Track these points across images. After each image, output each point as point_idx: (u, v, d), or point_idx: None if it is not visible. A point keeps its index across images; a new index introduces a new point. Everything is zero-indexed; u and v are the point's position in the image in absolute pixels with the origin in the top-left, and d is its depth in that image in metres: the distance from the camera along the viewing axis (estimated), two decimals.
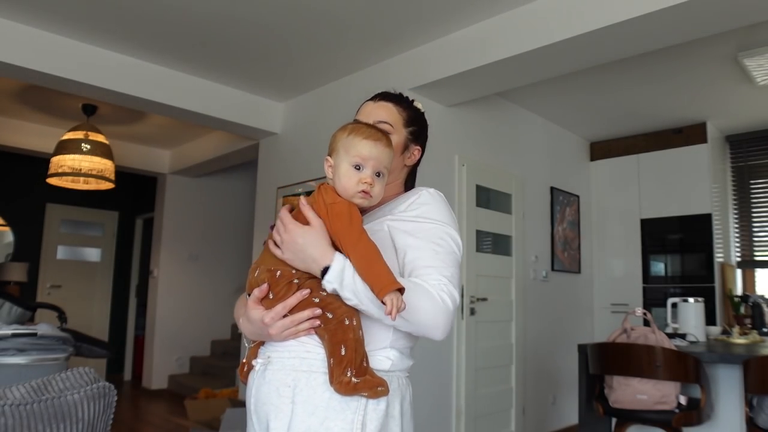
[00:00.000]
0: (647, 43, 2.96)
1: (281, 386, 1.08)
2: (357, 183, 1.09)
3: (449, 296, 1.07)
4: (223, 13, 3.23)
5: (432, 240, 1.13)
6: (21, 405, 1.46)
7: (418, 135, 1.34)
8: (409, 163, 1.33)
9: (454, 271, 1.12)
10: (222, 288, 6.80)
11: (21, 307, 3.30)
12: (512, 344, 4.28)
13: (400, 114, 1.31)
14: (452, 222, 1.19)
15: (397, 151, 1.26)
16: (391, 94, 1.35)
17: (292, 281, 1.07)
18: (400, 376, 1.17)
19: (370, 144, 1.11)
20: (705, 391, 2.42)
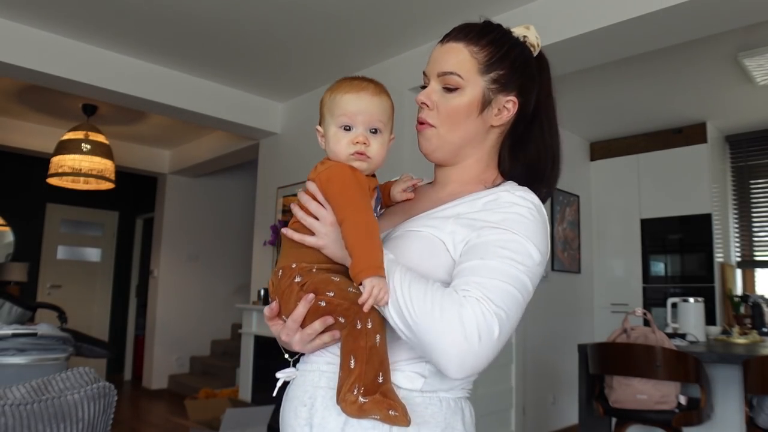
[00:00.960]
0: (647, 43, 2.96)
1: (299, 405, 0.91)
2: (348, 145, 0.92)
3: (483, 324, 0.77)
4: (223, 13, 3.23)
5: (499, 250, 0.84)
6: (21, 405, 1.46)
7: (510, 79, 0.95)
8: (497, 122, 0.96)
9: (509, 301, 0.81)
10: (222, 288, 6.80)
11: (21, 307, 3.30)
12: (512, 344, 4.28)
13: (474, 56, 0.95)
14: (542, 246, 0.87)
15: (473, 108, 0.94)
16: (466, 28, 0.98)
17: (293, 280, 0.89)
18: (447, 399, 0.90)
19: (353, 97, 0.93)
20: (705, 391, 2.42)
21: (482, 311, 0.77)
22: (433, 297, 0.79)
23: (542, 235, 0.87)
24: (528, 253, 0.84)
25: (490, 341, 0.77)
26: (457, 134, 0.96)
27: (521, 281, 0.82)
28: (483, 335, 0.76)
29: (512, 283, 0.81)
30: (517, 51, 0.97)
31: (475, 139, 0.97)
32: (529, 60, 0.98)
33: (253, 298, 4.77)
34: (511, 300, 0.80)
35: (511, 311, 0.80)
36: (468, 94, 0.94)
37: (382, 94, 0.96)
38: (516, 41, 0.98)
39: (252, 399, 4.46)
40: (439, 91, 0.96)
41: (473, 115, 0.95)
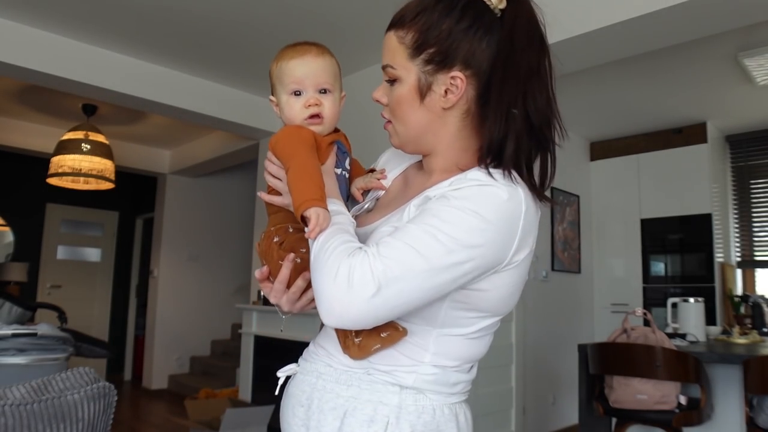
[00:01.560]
0: (647, 43, 2.96)
1: (296, 405, 0.90)
2: (301, 109, 0.94)
3: (359, 274, 0.72)
4: (223, 13, 3.24)
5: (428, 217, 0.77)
6: (21, 405, 1.46)
7: (447, 53, 0.84)
8: (447, 104, 0.86)
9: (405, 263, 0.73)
10: (222, 288, 6.80)
11: (21, 307, 3.30)
12: (512, 344, 4.28)
13: (401, 41, 0.87)
14: (502, 227, 0.78)
15: (412, 97, 0.87)
16: (397, 13, 0.91)
17: (272, 240, 0.92)
18: (441, 406, 0.85)
19: (298, 62, 0.94)
20: (705, 391, 2.42)
21: (362, 265, 0.73)
22: (333, 243, 0.77)
23: (506, 213, 0.78)
24: (465, 226, 0.75)
25: (362, 295, 0.72)
26: (408, 127, 0.90)
27: (432, 248, 0.74)
28: (355, 287, 0.72)
29: (419, 248, 0.73)
30: (452, 17, 0.84)
31: (431, 128, 0.89)
32: (474, 22, 0.84)
33: (253, 298, 4.77)
34: (407, 263, 0.73)
35: (401, 273, 0.73)
36: (405, 83, 0.87)
37: (325, 54, 0.96)
38: (450, 5, 0.85)
39: (252, 399, 4.47)
40: (385, 86, 0.92)
41: (415, 104, 0.87)
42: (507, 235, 0.79)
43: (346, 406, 0.84)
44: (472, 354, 0.88)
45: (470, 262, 0.76)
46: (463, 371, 0.88)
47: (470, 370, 0.91)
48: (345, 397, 0.84)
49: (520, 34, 0.84)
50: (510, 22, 0.84)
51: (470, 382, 0.91)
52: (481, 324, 0.87)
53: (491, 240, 0.77)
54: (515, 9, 0.85)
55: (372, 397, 0.83)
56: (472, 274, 0.78)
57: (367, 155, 1.12)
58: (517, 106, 0.82)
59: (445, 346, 0.85)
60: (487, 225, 0.76)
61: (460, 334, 0.85)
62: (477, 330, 0.87)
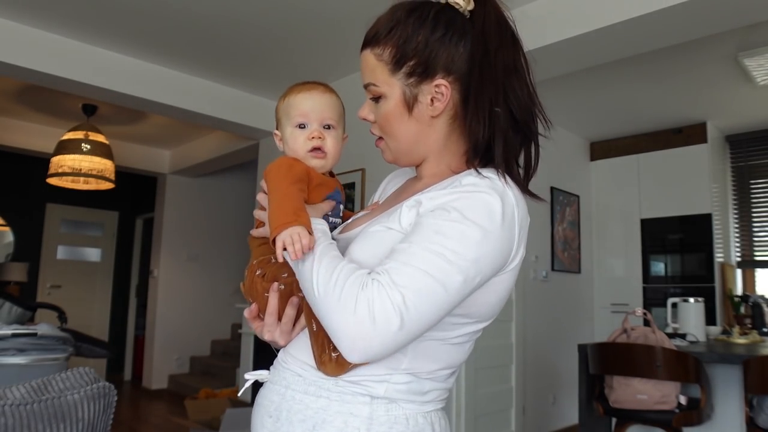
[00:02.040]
0: (647, 43, 2.96)
1: (265, 416, 0.89)
2: (305, 141, 0.96)
3: (380, 310, 0.70)
4: (223, 13, 3.24)
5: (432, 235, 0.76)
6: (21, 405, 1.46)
7: (428, 63, 0.85)
8: (435, 112, 0.87)
9: (420, 291, 0.72)
10: (222, 288, 6.80)
11: (21, 307, 3.30)
12: (512, 344, 4.28)
13: (379, 58, 0.89)
14: (501, 233, 0.78)
15: (400, 111, 0.88)
16: (369, 31, 0.94)
17: (254, 274, 0.93)
18: (414, 415, 0.82)
19: (304, 96, 0.98)
20: (705, 391, 2.42)
21: (381, 297, 0.71)
22: (340, 274, 0.74)
23: (503, 219, 0.78)
24: (470, 241, 0.75)
25: (387, 330, 0.70)
26: (400, 140, 0.90)
27: (444, 271, 0.73)
28: (378, 322, 0.70)
29: (432, 272, 0.73)
30: (426, 28, 0.86)
31: (421, 137, 0.89)
32: (448, 29, 0.85)
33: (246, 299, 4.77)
34: (425, 289, 0.72)
35: (422, 301, 0.72)
36: (391, 99, 0.88)
37: (331, 93, 1.00)
38: (422, 16, 0.87)
39: (252, 399, 4.46)
40: (370, 104, 0.93)
41: (404, 117, 0.88)
42: (507, 240, 0.79)
43: (315, 419, 0.82)
44: (452, 360, 0.86)
45: (479, 275, 0.77)
46: (439, 379, 0.86)
47: (447, 379, 0.88)
48: (314, 409, 0.82)
49: (491, 33, 0.86)
50: (480, 23, 0.86)
51: (447, 390, 0.88)
52: (465, 330, 0.85)
53: (494, 248, 0.77)
54: (483, 9, 0.87)
55: (342, 409, 0.81)
56: (480, 284, 0.78)
57: (367, 155, 1.13)
58: (499, 105, 0.83)
59: (425, 352, 0.82)
60: (488, 234, 0.76)
61: (440, 339, 0.83)
62: (459, 335, 0.85)
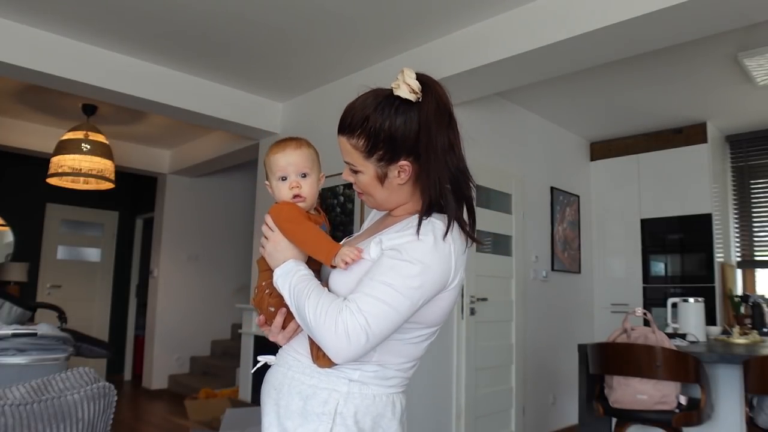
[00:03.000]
0: (647, 43, 2.96)
1: (271, 389, 1.18)
2: (287, 191, 1.21)
3: (353, 330, 1.01)
4: (223, 13, 3.23)
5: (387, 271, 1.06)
6: (21, 405, 1.46)
7: (394, 152, 1.11)
8: (401, 182, 1.15)
9: (379, 314, 1.03)
10: (222, 288, 6.80)
11: (21, 307, 3.29)
12: (512, 344, 4.28)
13: (355, 148, 1.13)
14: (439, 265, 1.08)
15: (375, 183, 1.15)
16: (342, 120, 1.15)
17: (264, 292, 1.20)
18: (380, 395, 1.14)
19: (279, 155, 1.22)
20: (705, 391, 2.42)
21: (352, 320, 1.01)
22: (323, 304, 1.05)
23: (439, 255, 1.07)
24: (413, 274, 1.04)
25: (359, 343, 1.02)
26: (377, 198, 1.18)
27: (395, 298, 1.03)
28: (352, 338, 1.01)
29: (387, 300, 1.03)
30: (389, 124, 1.10)
31: (392, 197, 1.18)
32: (405, 123, 1.10)
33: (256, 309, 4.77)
34: (381, 313, 1.02)
35: (380, 321, 1.02)
36: (367, 175, 1.15)
37: (302, 146, 1.23)
38: (385, 114, 1.10)
39: (252, 399, 4.46)
40: (349, 172, 1.18)
41: (378, 187, 1.16)
42: (444, 269, 1.08)
43: (308, 392, 1.12)
44: (411, 355, 1.17)
45: (422, 298, 1.07)
46: (401, 370, 1.16)
47: (408, 370, 1.18)
48: (308, 385, 1.13)
49: (432, 121, 1.10)
50: (425, 112, 1.10)
51: (407, 378, 1.19)
52: (419, 332, 1.15)
53: (433, 277, 1.07)
54: (427, 98, 1.10)
55: (327, 386, 1.12)
56: (422, 304, 1.08)
57: None
58: (442, 175, 1.11)
59: (390, 349, 1.12)
60: (427, 268, 1.06)
61: (400, 339, 1.12)
62: (415, 336, 1.15)
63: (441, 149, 1.10)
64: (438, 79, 1.15)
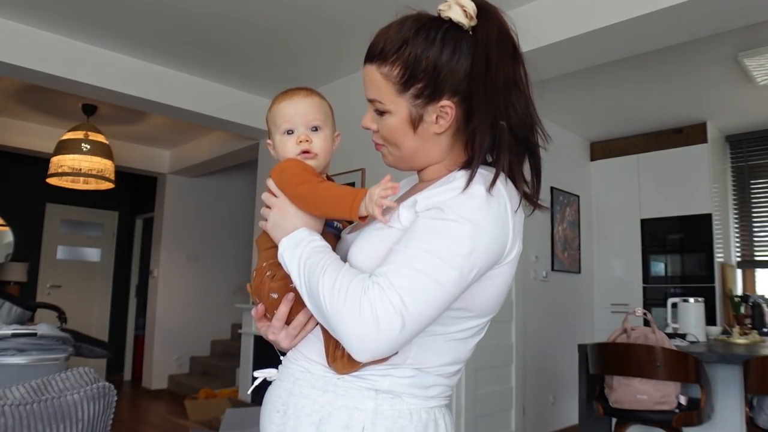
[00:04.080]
0: (647, 43, 2.96)
1: (272, 411, 0.92)
2: (293, 146, 0.99)
3: (382, 313, 0.74)
4: (223, 13, 3.23)
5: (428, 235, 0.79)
6: (21, 405, 1.46)
7: (435, 86, 0.87)
8: (439, 130, 0.90)
9: (418, 291, 0.76)
10: (222, 288, 6.80)
11: (21, 307, 3.29)
12: (512, 344, 4.28)
13: (387, 78, 0.89)
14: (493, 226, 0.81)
15: (405, 128, 0.90)
16: (373, 46, 0.93)
17: (264, 275, 0.96)
18: (418, 410, 0.85)
19: (287, 103, 1.01)
20: (705, 391, 2.42)
21: (383, 300, 0.75)
22: (343, 280, 0.78)
23: (495, 213, 0.82)
24: (462, 237, 0.78)
25: (391, 330, 0.74)
26: (404, 150, 0.93)
27: (439, 268, 0.77)
28: (383, 324, 0.74)
29: (428, 272, 0.77)
30: (434, 49, 0.87)
31: (423, 150, 0.92)
32: (455, 51, 0.87)
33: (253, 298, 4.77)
34: (422, 290, 0.76)
35: (420, 300, 0.76)
36: (396, 116, 0.90)
37: (313, 95, 1.03)
38: (429, 37, 0.87)
39: (252, 399, 4.47)
40: (373, 114, 0.94)
41: (409, 134, 0.91)
42: (501, 232, 0.83)
43: (321, 413, 0.84)
44: (456, 355, 0.89)
45: (474, 269, 0.80)
46: (444, 375, 0.89)
47: (452, 376, 0.91)
48: (321, 403, 0.85)
49: (492, 49, 0.87)
50: (483, 40, 0.88)
51: (450, 387, 0.91)
52: (466, 324, 0.88)
53: (487, 241, 0.81)
54: (486, 25, 0.89)
55: (347, 403, 0.84)
56: (477, 277, 0.82)
57: (367, 155, 1.13)
58: (501, 119, 0.86)
59: (429, 346, 0.85)
60: (479, 228, 0.80)
61: (443, 333, 0.86)
62: (461, 330, 0.88)
63: (503, 84, 0.86)
64: None
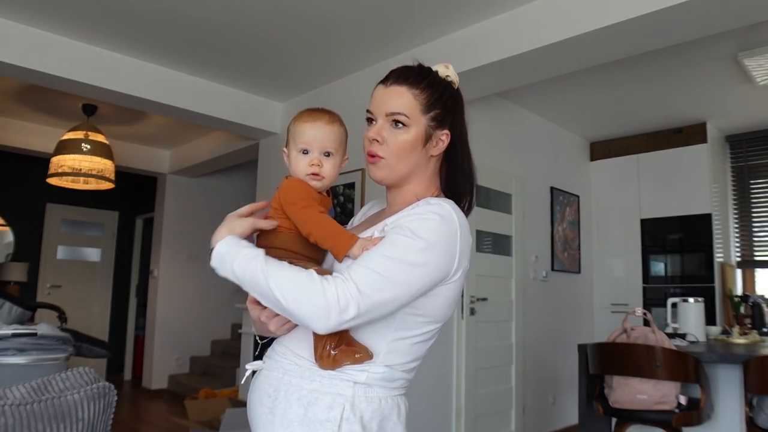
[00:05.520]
0: (647, 43, 2.96)
1: (264, 396, 1.08)
2: (305, 166, 1.12)
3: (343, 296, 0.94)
4: (223, 13, 3.23)
5: (387, 245, 1.00)
6: (21, 405, 1.46)
7: (445, 117, 1.13)
8: (435, 152, 1.14)
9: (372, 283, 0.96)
10: (222, 288, 6.79)
11: (21, 307, 3.29)
12: (512, 344, 4.28)
13: (416, 98, 1.11)
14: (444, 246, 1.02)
15: (417, 143, 1.11)
16: (403, 73, 1.13)
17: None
18: (386, 397, 1.07)
19: (309, 126, 1.13)
20: (705, 391, 2.42)
21: (343, 288, 0.94)
22: (297, 275, 0.97)
23: (445, 235, 1.02)
24: (416, 249, 0.99)
25: (346, 312, 0.93)
26: (404, 164, 1.12)
27: (390, 269, 0.97)
28: (342, 304, 0.93)
29: (379, 271, 0.96)
30: (449, 91, 1.14)
31: (418, 168, 1.14)
32: (456, 98, 1.16)
33: None
34: (372, 283, 0.95)
35: (371, 291, 0.95)
36: (413, 131, 1.10)
37: (334, 123, 1.14)
38: (445, 82, 1.14)
39: None
40: (387, 128, 1.11)
41: (418, 148, 1.12)
42: (448, 255, 1.03)
43: (309, 397, 1.03)
44: (418, 354, 1.11)
45: (423, 280, 1.00)
46: (406, 371, 1.10)
47: (412, 371, 1.13)
48: (308, 390, 1.04)
49: (464, 111, 1.17)
50: (462, 103, 1.17)
51: (409, 380, 1.13)
52: (426, 328, 1.09)
53: (438, 259, 1.01)
54: (459, 92, 1.18)
55: (331, 390, 1.03)
56: (424, 287, 1.01)
57: (364, 156, 1.14)
58: (466, 162, 1.18)
59: (397, 349, 1.07)
60: (432, 247, 1.00)
61: (407, 337, 1.07)
62: (422, 333, 1.09)
63: (466, 135, 1.18)
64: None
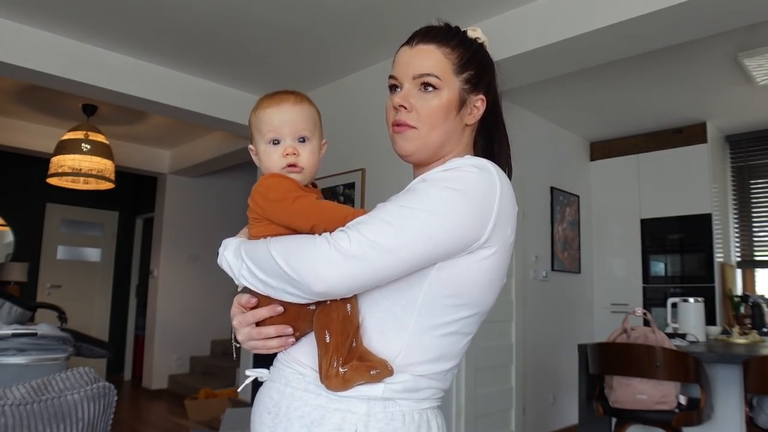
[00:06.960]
0: (647, 43, 2.96)
1: (264, 412, 0.92)
2: (279, 158, 0.94)
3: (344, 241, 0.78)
4: (223, 12, 3.23)
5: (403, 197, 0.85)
6: (21, 405, 1.46)
7: (480, 79, 0.98)
8: (470, 121, 0.98)
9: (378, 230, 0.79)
10: (222, 288, 6.79)
11: (21, 307, 3.29)
12: (512, 344, 4.28)
13: (447, 57, 0.95)
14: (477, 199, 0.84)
15: (451, 108, 0.94)
16: (432, 31, 0.99)
17: None
18: (410, 412, 0.85)
19: (274, 110, 0.95)
20: (705, 391, 2.42)
21: (349, 237, 0.78)
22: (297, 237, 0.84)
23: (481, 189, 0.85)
24: (438, 195, 0.82)
25: (353, 262, 0.77)
26: (437, 133, 0.95)
27: (402, 217, 0.80)
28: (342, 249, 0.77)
29: (389, 220, 0.80)
30: (482, 51, 1.01)
31: (452, 138, 0.97)
32: (490, 60, 1.02)
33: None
34: (380, 232, 0.79)
35: (374, 234, 0.78)
36: (446, 95, 0.94)
37: (303, 102, 0.97)
38: (477, 42, 1.00)
39: (252, 399, 4.46)
40: (415, 93, 0.95)
41: (452, 114, 0.95)
42: (480, 210, 0.84)
43: (313, 415, 0.84)
44: (444, 352, 0.88)
45: (441, 233, 0.81)
46: (435, 377, 0.88)
47: (444, 376, 0.90)
48: (313, 406, 0.85)
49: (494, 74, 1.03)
50: (493, 62, 1.04)
51: (442, 390, 0.91)
52: (459, 314, 0.87)
53: (464, 209, 0.83)
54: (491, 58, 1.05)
55: (340, 406, 0.84)
56: (444, 243, 0.82)
57: (367, 155, 1.12)
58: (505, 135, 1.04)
59: (420, 343, 0.86)
60: (459, 195, 0.82)
61: (435, 326, 0.86)
62: (454, 320, 0.87)
63: (501, 104, 1.04)
64: None
